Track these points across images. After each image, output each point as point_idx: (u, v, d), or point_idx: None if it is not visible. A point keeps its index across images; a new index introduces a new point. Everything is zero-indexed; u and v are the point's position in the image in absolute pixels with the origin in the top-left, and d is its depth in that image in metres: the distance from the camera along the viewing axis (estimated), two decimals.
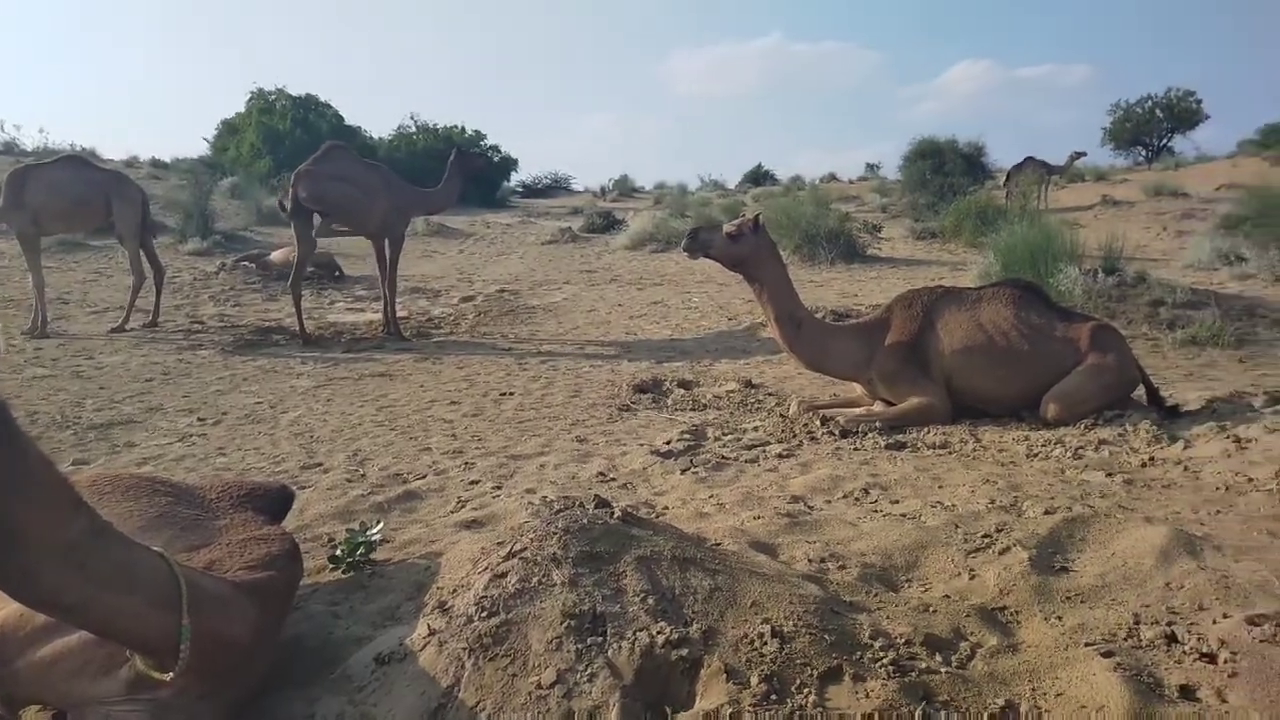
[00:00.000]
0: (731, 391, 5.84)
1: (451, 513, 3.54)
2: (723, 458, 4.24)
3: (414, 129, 34.62)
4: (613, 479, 3.97)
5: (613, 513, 2.68)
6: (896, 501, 3.46)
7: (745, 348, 7.77)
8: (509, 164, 35.83)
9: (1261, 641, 2.15)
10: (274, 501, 2.92)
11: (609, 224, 20.71)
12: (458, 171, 9.71)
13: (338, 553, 2.90)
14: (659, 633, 2.10)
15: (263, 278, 12.05)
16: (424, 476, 4.13)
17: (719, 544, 2.88)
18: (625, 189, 42.19)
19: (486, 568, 2.41)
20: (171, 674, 1.81)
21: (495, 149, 34.82)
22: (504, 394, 6.16)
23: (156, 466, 4.48)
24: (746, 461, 4.18)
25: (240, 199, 19.60)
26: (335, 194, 8.46)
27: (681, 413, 5.38)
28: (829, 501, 3.51)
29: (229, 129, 31.02)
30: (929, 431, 4.61)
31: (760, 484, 3.77)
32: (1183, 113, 41.87)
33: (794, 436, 4.60)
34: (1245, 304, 8.17)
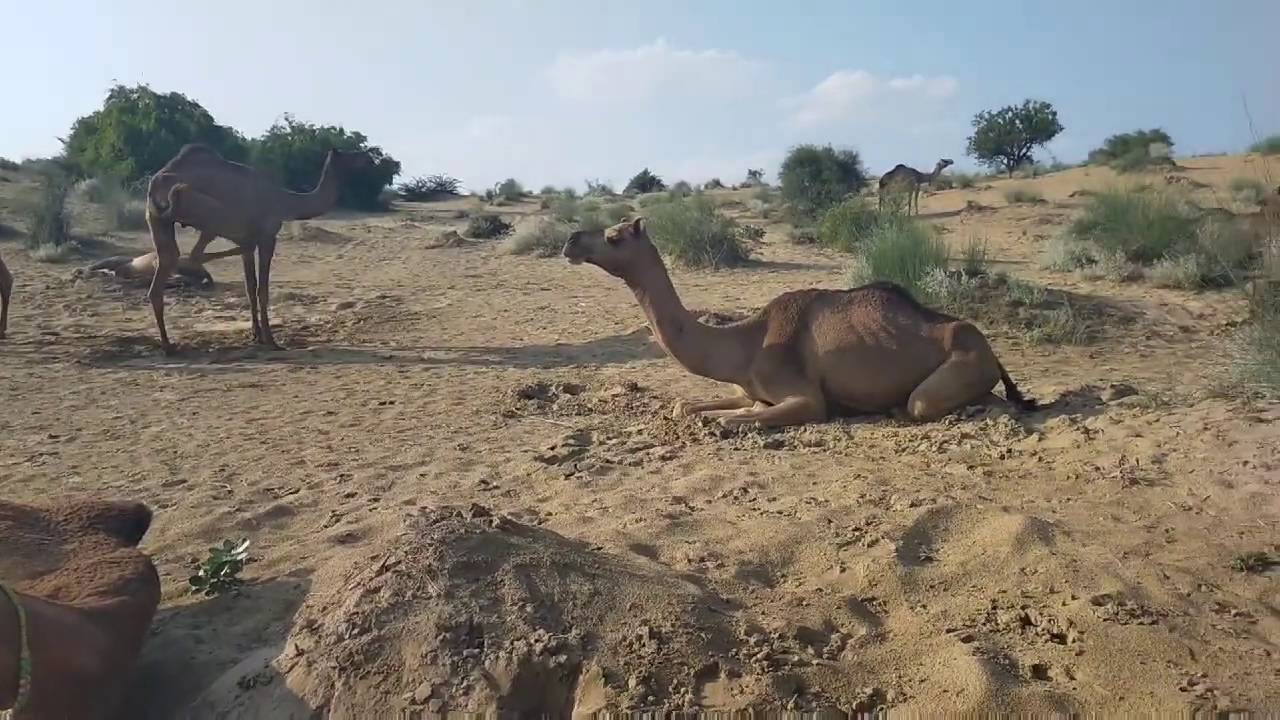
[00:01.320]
0: (617, 395, 5.87)
1: (325, 528, 3.43)
2: (607, 461, 4.25)
3: (289, 130, 33.34)
4: (496, 487, 3.92)
5: (491, 521, 2.65)
6: (774, 499, 3.55)
7: (632, 352, 7.82)
8: (391, 166, 34.95)
9: (1106, 620, 2.30)
10: (129, 522, 2.76)
11: (495, 228, 20.48)
12: (335, 175, 9.42)
13: (200, 573, 2.76)
14: (537, 641, 2.09)
15: (124, 285, 11.36)
16: (296, 491, 3.98)
17: (601, 548, 2.89)
18: (512, 193, 41.87)
19: (359, 583, 2.33)
20: (11, 711, 1.68)
21: (376, 151, 33.91)
22: (384, 403, 6.01)
23: (1, 490, 4.16)
24: (630, 464, 4.21)
25: (100, 202, 18.39)
26: (194, 201, 8.03)
27: (567, 418, 5.37)
28: (710, 501, 3.57)
29: (86, 128, 29.09)
30: (805, 430, 4.75)
31: (643, 486, 3.80)
32: (1040, 124, 44.67)
33: (677, 438, 4.66)
34: (1095, 303, 8.76)
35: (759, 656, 2.12)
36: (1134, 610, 2.33)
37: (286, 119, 33.68)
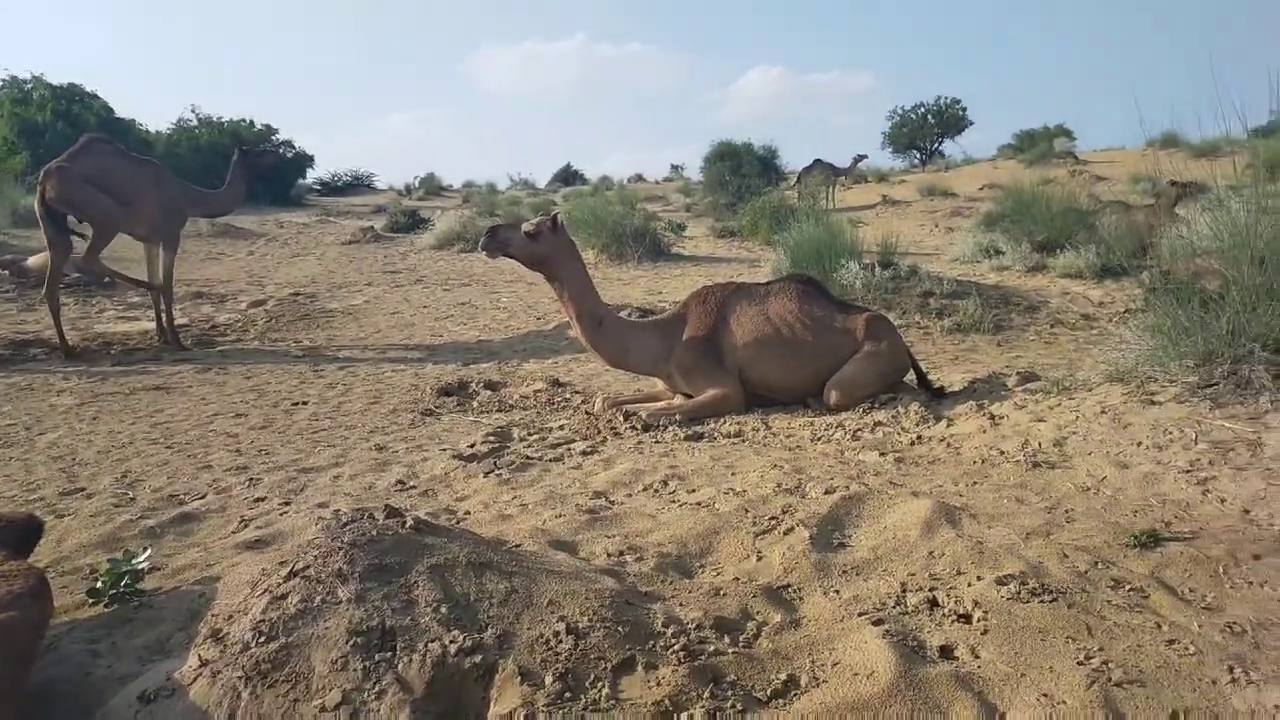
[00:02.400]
0: (539, 391, 5.83)
1: (233, 533, 3.31)
2: (527, 458, 4.22)
3: (196, 122, 32.12)
4: (413, 487, 3.85)
5: (405, 522, 2.60)
6: (693, 491, 3.57)
7: (554, 347, 7.78)
8: (304, 160, 33.97)
9: (1008, 599, 2.39)
10: (19, 533, 2.63)
11: (414, 223, 20.13)
12: (242, 173, 9.11)
13: (98, 584, 2.64)
14: (452, 642, 2.06)
15: (18, 285, 10.78)
16: (203, 496, 3.84)
17: (519, 546, 2.87)
18: (432, 187, 41.16)
19: (266, 590, 2.27)
20: None
21: (288, 144, 32.93)
22: (296, 403, 5.84)
23: None
24: (551, 460, 4.18)
25: None
26: (88, 195, 7.65)
27: (487, 415, 5.31)
28: (630, 495, 3.58)
29: None
30: (725, 422, 4.80)
31: (564, 482, 3.79)
32: (951, 119, 46.08)
33: (598, 433, 4.65)
34: (1002, 293, 9.07)
35: (676, 648, 2.14)
36: (1035, 589, 2.43)
37: (193, 111, 32.47)
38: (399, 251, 16.38)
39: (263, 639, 2.06)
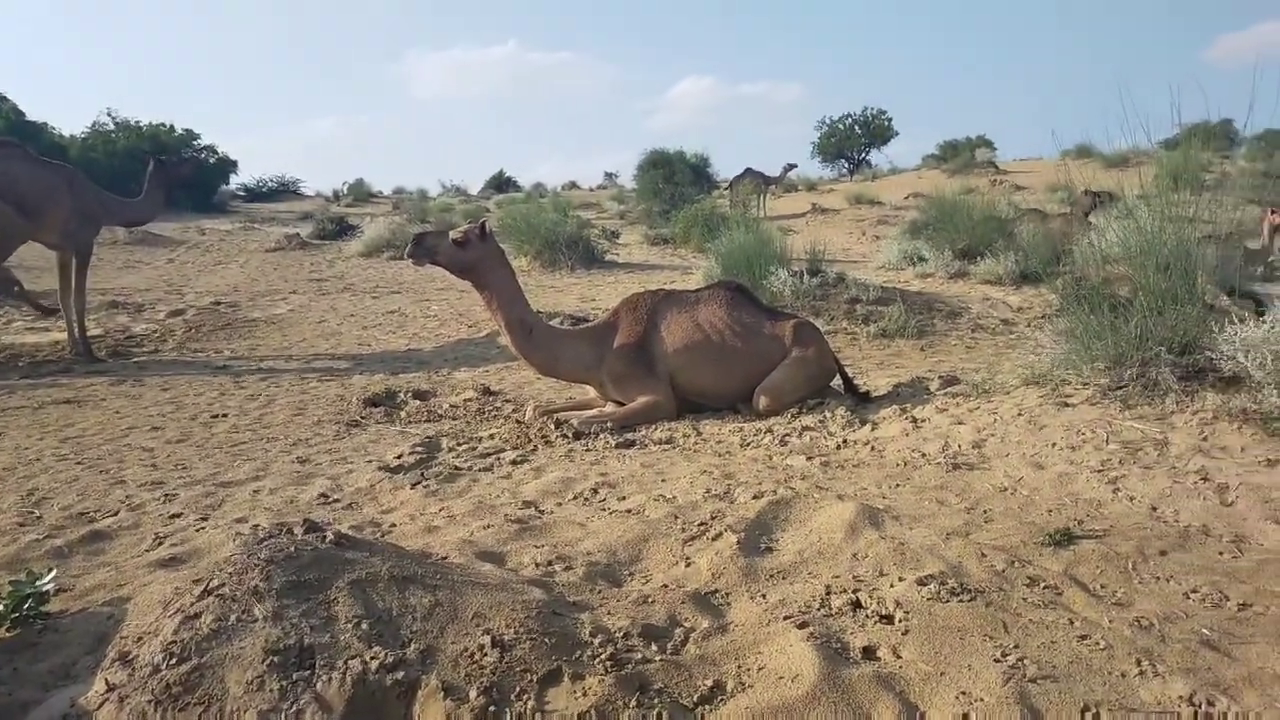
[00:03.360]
0: (469, 400, 5.76)
1: (146, 552, 3.19)
2: (456, 468, 4.16)
3: (112, 126, 30.97)
4: (337, 500, 3.76)
5: (325, 537, 2.54)
6: (624, 498, 3.57)
7: (485, 355, 7.70)
8: (227, 166, 33.04)
9: (929, 599, 2.44)
10: None
11: (342, 230, 19.73)
12: (159, 182, 8.81)
13: None
14: (373, 658, 2.02)
15: None
16: (115, 513, 3.68)
17: (445, 558, 2.82)
18: (361, 194, 40.44)
19: (178, 610, 2.18)
20: None
21: (211, 149, 32.01)
22: (216, 416, 5.66)
23: None
24: (481, 470, 4.13)
25: None
26: None
27: (415, 425, 5.22)
28: (560, 504, 3.55)
29: None
30: (656, 428, 4.81)
31: (493, 492, 3.75)
32: (877, 129, 47.16)
33: (529, 442, 4.62)
34: (926, 299, 9.30)
35: (603, 657, 2.13)
36: (954, 589, 2.48)
37: (110, 115, 31.31)
38: (326, 259, 16.04)
39: (174, 661, 1.98)
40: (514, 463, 4.22)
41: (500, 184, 47.66)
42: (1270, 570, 2.68)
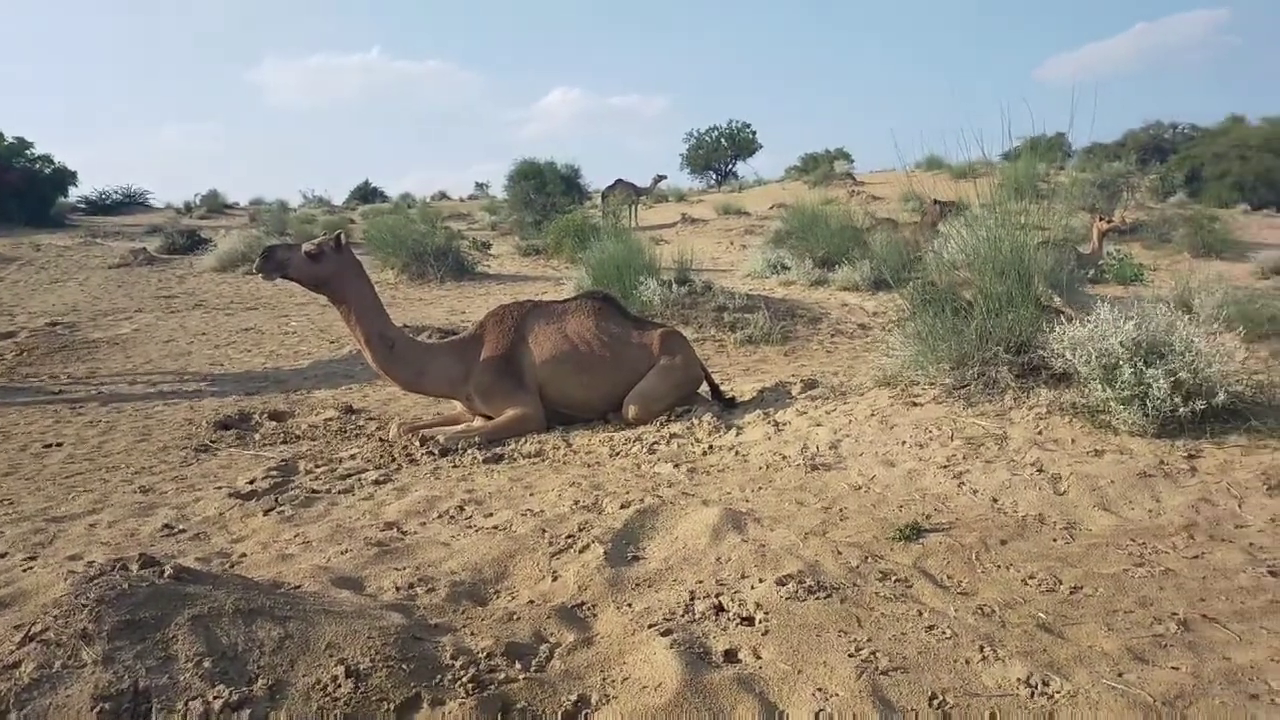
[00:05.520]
0: (329, 420, 5.54)
1: None
2: (313, 491, 3.98)
3: None
4: (182, 531, 3.54)
5: (163, 572, 2.38)
6: (490, 514, 3.51)
7: (348, 372, 7.43)
8: (65, 176, 30.67)
9: (788, 599, 2.50)
10: None
11: (194, 243, 18.65)
12: None
13: None
14: (216, 697, 1.91)
15: None
16: None
17: (298, 587, 2.70)
18: (215, 205, 38.36)
19: None
20: None
21: (46, 159, 29.65)
22: (49, 445, 5.22)
23: None
24: (340, 492, 3.98)
25: None
26: None
27: (271, 448, 4.97)
28: (424, 524, 3.46)
29: None
30: (525, 442, 4.76)
31: (353, 515, 3.61)
32: (742, 142, 48.42)
33: (393, 461, 4.48)
34: (789, 306, 9.60)
35: (464, 680, 2.08)
36: (812, 587, 2.56)
37: None
38: (176, 274, 15.14)
39: None
40: (376, 483, 4.08)
41: (366, 194, 46.28)
42: (1099, 554, 2.89)
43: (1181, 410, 3.67)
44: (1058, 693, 2.02)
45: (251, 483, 4.09)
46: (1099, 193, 20.28)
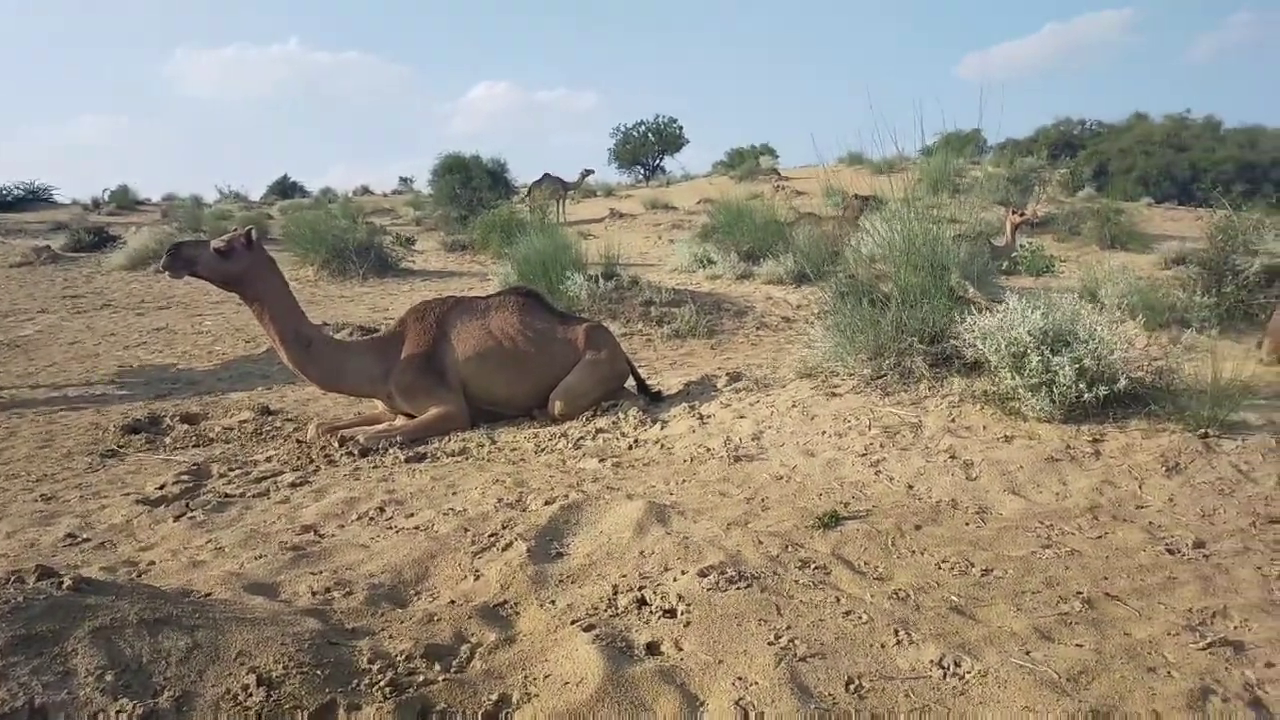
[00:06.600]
0: (244, 422, 5.37)
1: None
2: (227, 496, 3.86)
3: None
4: (86, 540, 3.39)
5: (61, 583, 2.28)
6: (412, 515, 3.45)
7: (265, 372, 7.22)
8: None
9: (709, 590, 2.52)
10: None
11: (102, 241, 17.85)
12: None
13: None
14: (119, 712, 1.84)
15: None
16: None
17: (209, 595, 2.61)
18: (125, 201, 36.75)
19: None
20: None
21: None
22: None
23: None
24: (254, 496, 3.86)
25: None
26: None
27: (182, 451, 4.80)
28: (343, 526, 3.38)
29: None
30: (449, 440, 4.69)
31: (268, 519, 3.51)
32: (669, 137, 48.56)
33: (310, 462, 4.37)
34: (715, 300, 9.68)
35: (382, 683, 2.04)
36: (733, 577, 2.59)
37: None
38: (83, 273, 14.49)
39: None
40: (293, 485, 3.98)
41: (285, 189, 44.96)
42: (1008, 537, 2.99)
43: (1086, 396, 3.81)
44: (969, 673, 2.08)
45: (161, 488, 3.95)
46: (1012, 187, 20.92)
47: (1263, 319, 6.90)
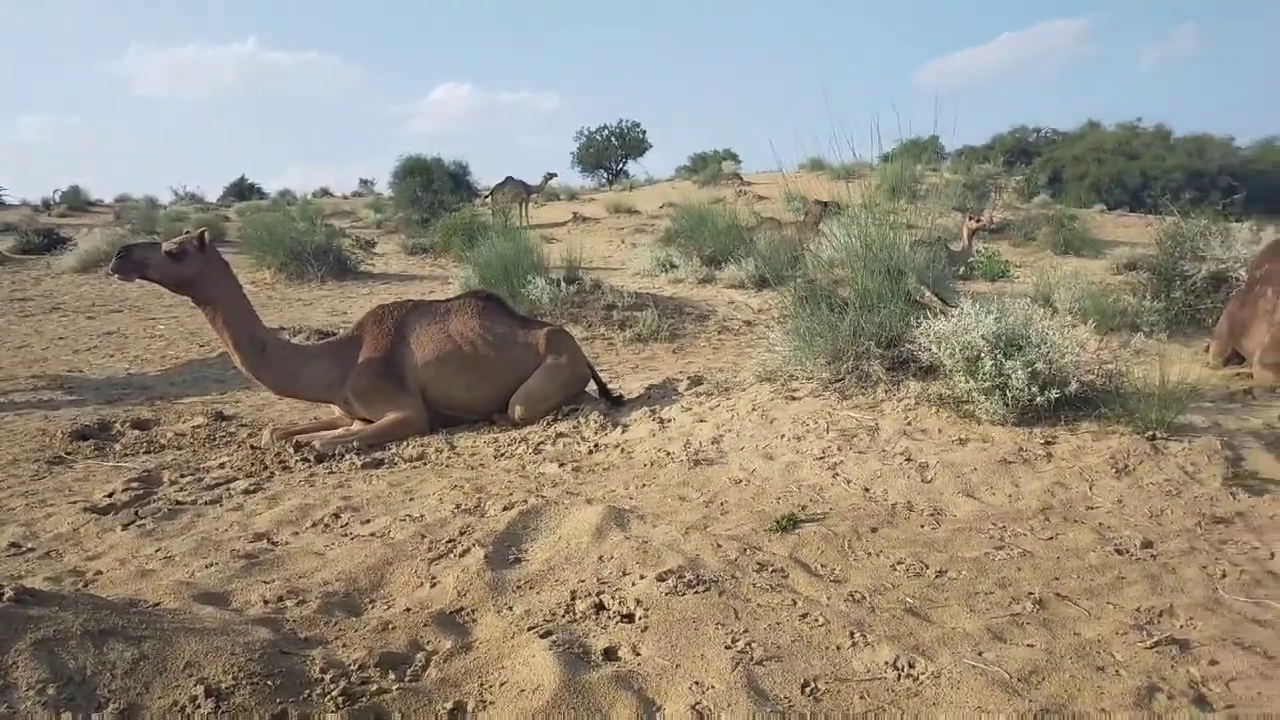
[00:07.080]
0: (198, 427, 5.27)
1: None
2: (178, 503, 3.78)
3: None
4: (31, 550, 3.30)
5: (2, 594, 2.21)
6: (368, 521, 3.41)
7: (220, 377, 7.09)
8: None
9: (667, 594, 2.52)
10: None
11: (52, 243, 17.43)
12: None
13: None
14: None
15: None
16: None
17: (157, 604, 2.55)
18: (76, 202, 35.94)
19: None
20: None
21: None
22: None
23: None
24: (207, 503, 3.79)
25: None
26: None
27: (133, 458, 4.69)
28: (297, 533, 3.33)
29: None
30: (407, 445, 4.65)
31: (220, 527, 3.44)
32: (633, 141, 48.59)
33: (265, 468, 4.30)
34: (677, 303, 9.71)
35: (334, 693, 2.01)
36: (691, 581, 2.59)
37: None
38: (31, 276, 14.13)
39: None
40: (246, 492, 3.91)
41: (242, 191, 44.27)
42: (962, 539, 3.03)
43: (1039, 399, 3.88)
44: (922, 674, 2.10)
45: (110, 496, 3.86)
46: (969, 193, 21.25)
47: (1210, 323, 7.09)
